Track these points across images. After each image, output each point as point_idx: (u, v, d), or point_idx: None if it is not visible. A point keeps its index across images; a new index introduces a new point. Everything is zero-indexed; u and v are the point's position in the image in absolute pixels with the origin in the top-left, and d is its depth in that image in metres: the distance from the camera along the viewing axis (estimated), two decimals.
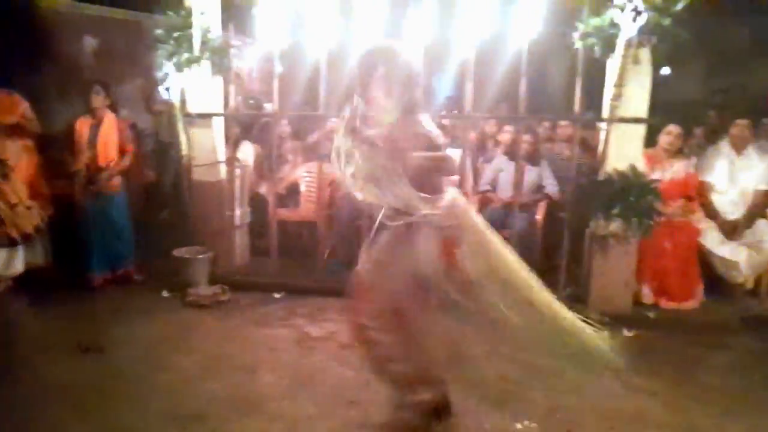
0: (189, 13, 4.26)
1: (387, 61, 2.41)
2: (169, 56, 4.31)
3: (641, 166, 3.95)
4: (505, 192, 4.79)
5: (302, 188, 5.50)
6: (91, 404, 2.86)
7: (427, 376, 2.49)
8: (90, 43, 6.01)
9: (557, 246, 4.18)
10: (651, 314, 4.14)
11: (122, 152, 4.49)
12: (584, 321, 2.62)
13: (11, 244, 4.22)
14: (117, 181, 4.50)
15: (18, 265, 4.36)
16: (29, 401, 2.88)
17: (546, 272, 4.38)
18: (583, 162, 4.45)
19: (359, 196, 2.31)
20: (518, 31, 3.86)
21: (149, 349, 3.48)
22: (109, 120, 4.46)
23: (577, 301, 4.10)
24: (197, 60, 4.29)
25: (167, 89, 4.60)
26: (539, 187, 4.74)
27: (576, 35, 3.87)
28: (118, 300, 4.31)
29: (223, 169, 4.66)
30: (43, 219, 4.41)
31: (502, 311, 2.35)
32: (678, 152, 4.49)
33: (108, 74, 5.85)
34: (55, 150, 4.80)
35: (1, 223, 4.09)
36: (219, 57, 4.40)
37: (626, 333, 3.74)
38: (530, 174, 4.70)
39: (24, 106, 4.47)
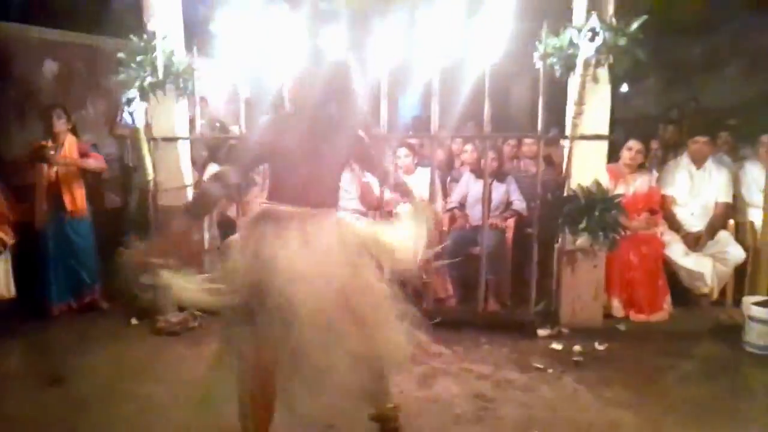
0: (152, 37, 4.22)
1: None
2: (133, 80, 4.26)
3: (605, 181, 4.04)
4: (473, 209, 4.83)
5: None
6: None
7: None
8: (50, 67, 5.90)
9: (527, 262, 4.22)
10: (621, 327, 4.21)
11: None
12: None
13: None
14: (82, 204, 4.39)
15: None
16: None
17: (517, 288, 4.48)
18: (548, 178, 4.53)
19: None
20: (481, 52, 3.93)
21: (116, 378, 3.37)
22: (70, 143, 4.38)
23: (548, 315, 4.15)
24: (161, 84, 4.25)
25: (131, 113, 4.54)
26: (507, 204, 4.80)
27: (537, 55, 3.96)
28: (84, 328, 4.19)
29: (190, 193, 4.60)
30: (5, 244, 4.26)
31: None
32: (640, 167, 4.61)
33: (69, 98, 5.77)
34: (14, 175, 4.69)
35: None
36: (183, 80, 4.37)
37: (598, 346, 3.79)
38: (497, 191, 4.76)
39: None
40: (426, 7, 4.00)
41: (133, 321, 4.30)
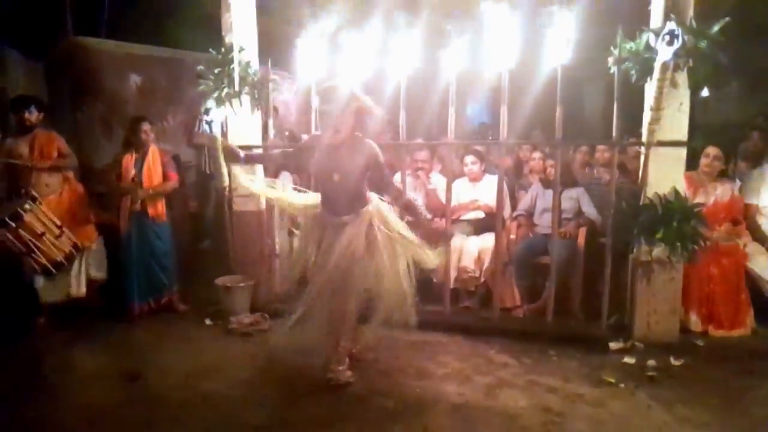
0: (229, 50, 4.41)
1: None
2: (211, 91, 4.46)
3: (683, 189, 3.87)
4: (542, 218, 4.75)
5: None
6: (137, 429, 2.92)
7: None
8: (135, 80, 6.25)
9: (599, 273, 4.10)
10: (699, 342, 4.01)
11: (166, 179, 4.64)
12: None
13: (46, 272, 4.36)
14: (162, 210, 4.62)
15: (56, 294, 4.51)
16: (70, 428, 2.96)
17: (588, 299, 4.35)
18: (622, 186, 4.39)
19: None
20: (552, 56, 3.86)
21: (191, 376, 3.52)
22: (153, 152, 4.62)
23: (621, 329, 4.02)
24: (237, 95, 4.43)
25: (209, 123, 4.77)
26: (578, 213, 4.68)
27: (611, 60, 3.86)
28: (161, 328, 4.39)
29: (263, 199, 4.75)
30: (78, 247, 4.54)
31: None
32: (721, 175, 4.39)
33: (151, 109, 6.11)
34: (101, 182, 5.00)
35: (31, 252, 4.23)
36: (257, 91, 4.53)
37: (674, 362, 3.63)
38: (568, 199, 4.65)
39: (60, 143, 4.66)
40: (494, 12, 3.98)
41: (208, 322, 4.48)
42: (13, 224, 4.09)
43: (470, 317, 4.45)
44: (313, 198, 3.62)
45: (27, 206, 4.18)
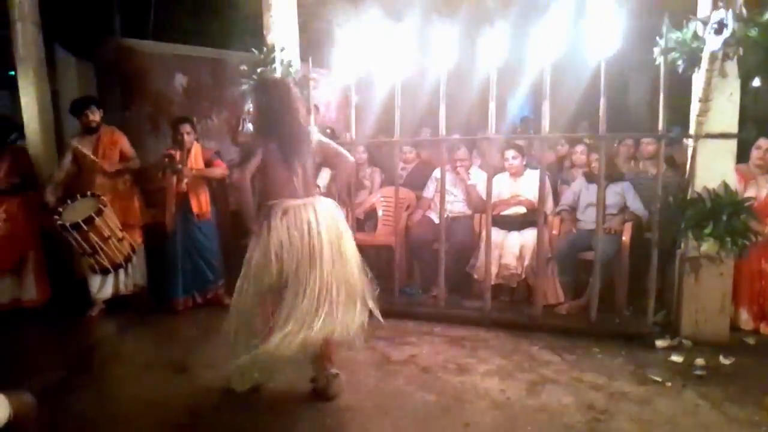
0: (271, 50, 4.48)
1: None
2: None
3: (733, 183, 3.75)
4: (585, 213, 4.67)
5: (379, 213, 5.59)
6: (178, 421, 3.02)
7: None
8: (180, 80, 6.40)
9: (645, 269, 4.01)
10: (750, 340, 3.90)
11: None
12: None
13: (104, 272, 4.55)
14: (206, 207, 4.74)
15: (108, 290, 4.73)
16: (120, 417, 3.07)
17: (634, 296, 4.27)
18: (669, 180, 4.28)
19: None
20: (596, 48, 3.78)
21: None
22: (196, 151, 4.74)
23: (667, 326, 3.93)
24: None
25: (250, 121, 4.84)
26: (623, 208, 4.59)
27: (657, 50, 3.76)
28: (206, 322, 4.50)
29: None
30: (134, 248, 4.71)
31: None
32: None
33: (196, 109, 6.26)
34: (147, 181, 5.16)
35: (95, 254, 4.40)
36: (299, 89, 4.58)
37: (723, 361, 3.53)
38: (612, 194, 4.56)
39: (123, 142, 4.83)
40: (536, 3, 3.93)
41: None
42: (86, 227, 4.26)
43: (512, 313, 4.42)
44: None
45: (99, 209, 4.35)
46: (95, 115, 4.69)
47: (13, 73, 5.77)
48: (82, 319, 4.64)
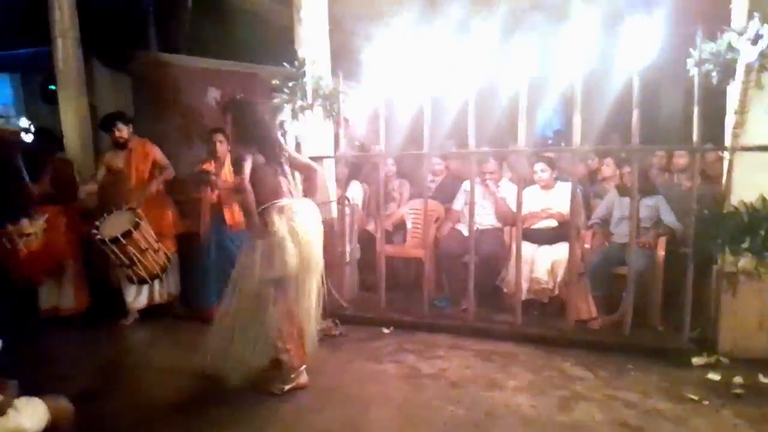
0: (302, 64, 4.54)
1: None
2: (285, 104, 4.61)
3: None
4: (618, 227, 4.60)
5: (408, 225, 5.60)
6: (208, 427, 3.06)
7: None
8: (213, 93, 6.53)
9: (680, 284, 3.93)
10: None
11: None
12: None
13: (141, 282, 4.66)
14: (239, 218, 4.80)
15: (143, 299, 4.84)
16: (151, 422, 3.13)
17: (669, 312, 4.18)
18: (704, 193, 4.19)
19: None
20: (629, 60, 3.74)
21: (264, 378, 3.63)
22: (229, 161, 4.81)
23: (704, 343, 3.83)
24: (310, 107, 4.56)
25: (284, 134, 4.89)
26: (657, 221, 4.51)
27: (691, 62, 3.71)
28: None
29: (334, 208, 4.85)
30: (169, 259, 4.79)
31: None
32: None
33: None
34: (181, 192, 5.25)
35: (133, 265, 4.50)
36: (329, 103, 4.64)
37: (762, 379, 3.42)
38: (645, 207, 4.49)
39: (155, 153, 4.94)
40: (567, 15, 3.91)
41: None
42: (124, 241, 4.36)
43: (543, 328, 4.36)
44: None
45: (136, 223, 4.45)
46: (123, 132, 4.80)
47: (53, 87, 5.97)
48: (117, 327, 4.73)
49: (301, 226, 3.25)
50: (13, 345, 2.21)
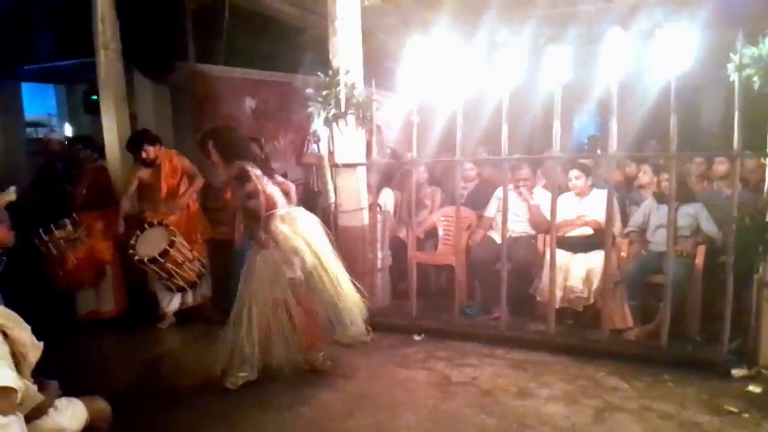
0: (336, 73, 4.59)
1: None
2: (319, 112, 4.66)
3: None
4: (655, 234, 4.51)
5: (440, 232, 5.59)
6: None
7: None
8: (249, 103, 6.65)
9: (719, 294, 3.83)
10: None
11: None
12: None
13: (180, 290, 4.80)
14: None
15: (176, 303, 4.94)
16: (185, 425, 3.20)
17: (707, 322, 4.07)
18: (745, 201, 4.08)
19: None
20: (667, 65, 3.67)
21: (296, 382, 3.66)
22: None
23: (743, 355, 3.72)
24: (343, 115, 4.60)
25: (317, 143, 4.98)
26: (696, 230, 4.40)
27: (731, 66, 3.62)
28: None
29: (366, 215, 4.88)
30: (204, 265, 4.90)
31: None
32: None
33: (264, 131, 6.46)
34: (215, 199, 5.36)
35: (172, 278, 4.65)
36: (362, 111, 4.68)
37: None
38: (684, 215, 4.39)
39: (183, 163, 5.05)
40: (603, 20, 3.87)
41: None
42: (162, 260, 4.49)
43: (577, 338, 4.30)
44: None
45: (171, 241, 4.56)
46: (150, 153, 4.90)
47: (95, 97, 6.15)
48: (153, 330, 4.84)
49: (303, 231, 3.48)
50: (52, 347, 2.28)
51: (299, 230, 3.52)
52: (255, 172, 3.52)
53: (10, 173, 7.17)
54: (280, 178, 3.95)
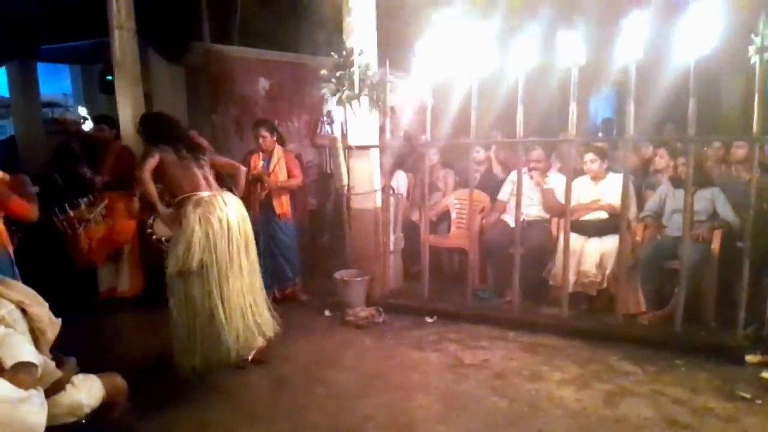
0: (349, 53, 4.56)
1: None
2: (332, 93, 4.65)
3: None
4: (671, 219, 4.47)
5: (453, 215, 5.58)
6: (255, 411, 3.16)
7: None
8: (263, 84, 6.64)
9: (735, 279, 3.79)
10: None
11: (290, 177, 4.90)
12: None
13: None
14: (287, 208, 4.89)
15: None
16: (202, 405, 3.24)
17: (722, 307, 4.04)
18: (763, 186, 4.02)
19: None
20: (687, 47, 3.60)
21: (311, 364, 3.72)
22: (278, 153, 4.88)
23: (759, 341, 3.69)
24: (356, 96, 4.58)
25: (331, 124, 4.97)
26: (712, 215, 4.35)
27: (752, 49, 3.55)
28: (285, 316, 4.62)
29: (379, 198, 4.88)
30: None
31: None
32: None
33: (278, 112, 6.45)
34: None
35: None
36: (376, 92, 4.65)
37: None
38: (701, 200, 4.33)
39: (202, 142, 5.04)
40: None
41: (327, 312, 4.70)
42: None
43: (590, 322, 4.29)
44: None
45: None
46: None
47: (110, 77, 6.17)
48: (168, 311, 4.87)
49: (218, 216, 3.39)
50: (71, 324, 2.32)
51: (211, 216, 3.39)
52: (168, 158, 3.52)
53: (29, 152, 7.26)
54: (226, 160, 4.03)
